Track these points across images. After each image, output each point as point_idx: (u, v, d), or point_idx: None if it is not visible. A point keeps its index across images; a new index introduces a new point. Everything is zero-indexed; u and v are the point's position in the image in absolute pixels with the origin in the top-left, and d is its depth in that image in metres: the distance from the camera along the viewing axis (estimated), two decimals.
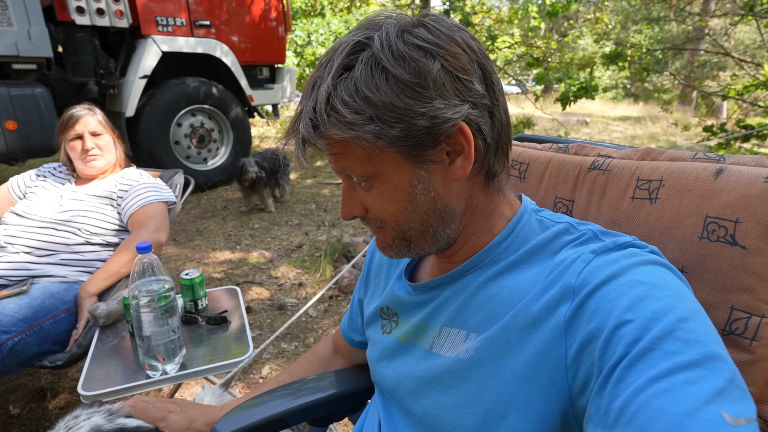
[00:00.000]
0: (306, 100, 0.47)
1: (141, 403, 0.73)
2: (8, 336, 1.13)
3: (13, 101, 3.01)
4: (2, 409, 1.56)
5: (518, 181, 0.72)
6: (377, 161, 0.47)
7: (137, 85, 3.61)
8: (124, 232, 1.47)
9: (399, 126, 0.44)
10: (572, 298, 0.42)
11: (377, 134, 0.44)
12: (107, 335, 1.18)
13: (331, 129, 0.45)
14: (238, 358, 1.08)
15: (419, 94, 0.44)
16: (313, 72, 0.48)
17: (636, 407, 0.33)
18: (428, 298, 0.57)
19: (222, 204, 3.97)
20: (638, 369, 0.35)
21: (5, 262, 1.34)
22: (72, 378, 1.72)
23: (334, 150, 0.48)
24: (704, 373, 0.34)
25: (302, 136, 0.47)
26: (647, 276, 0.41)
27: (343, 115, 0.44)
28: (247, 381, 1.73)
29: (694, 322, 0.37)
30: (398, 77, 0.44)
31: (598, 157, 0.63)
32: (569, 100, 5.92)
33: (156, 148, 3.80)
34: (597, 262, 0.44)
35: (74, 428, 0.69)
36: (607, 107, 14.06)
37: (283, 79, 4.86)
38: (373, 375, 0.66)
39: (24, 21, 2.93)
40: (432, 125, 0.45)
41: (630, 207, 0.57)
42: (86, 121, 1.44)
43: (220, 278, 2.56)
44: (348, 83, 0.44)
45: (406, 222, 0.51)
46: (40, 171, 1.56)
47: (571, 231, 0.50)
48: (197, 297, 1.24)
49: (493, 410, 0.45)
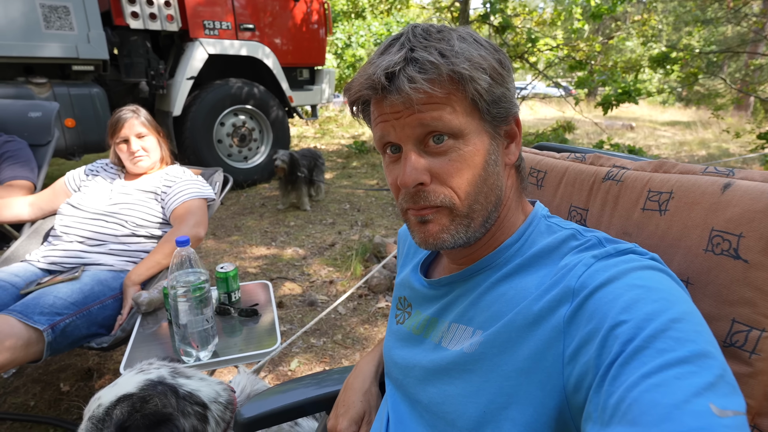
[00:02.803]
0: (415, 41, 0.48)
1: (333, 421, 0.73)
2: (61, 317, 1.25)
3: (73, 100, 3.26)
4: (54, 385, 1.71)
5: (535, 189, 0.74)
6: (470, 120, 0.49)
7: (184, 85, 3.81)
8: (166, 225, 1.58)
9: (500, 89, 0.50)
10: (572, 300, 0.44)
11: (488, 87, 0.48)
12: (148, 322, 1.27)
13: (460, 63, 0.46)
14: (267, 349, 1.14)
15: (508, 72, 0.51)
16: (397, 44, 0.49)
17: (629, 402, 0.35)
18: (440, 293, 0.60)
19: (260, 201, 4.11)
20: (632, 366, 0.37)
21: (61, 250, 1.47)
22: (116, 361, 1.86)
23: (435, 95, 0.47)
24: (694, 369, 0.35)
25: (427, 59, 0.46)
26: (644, 280, 0.43)
27: (472, 55, 0.48)
28: (276, 373, 1.81)
29: (687, 322, 0.38)
30: (493, 52, 0.50)
31: (612, 168, 0.63)
32: (611, 105, 5.72)
33: (200, 146, 3.99)
34: (597, 266, 0.45)
35: (146, 370, 0.85)
36: (656, 111, 13.41)
37: (323, 80, 4.98)
38: (386, 362, 0.69)
39: (84, 25, 3.16)
40: (511, 102, 0.52)
41: (641, 218, 0.57)
42: (131, 124, 1.54)
43: (255, 273, 2.67)
44: (462, 42, 0.49)
45: (475, 194, 0.51)
46: (92, 167, 1.70)
47: (578, 237, 0.51)
48: (231, 290, 1.32)
49: (494, 401, 0.48)
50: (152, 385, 0.82)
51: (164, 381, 0.84)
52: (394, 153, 0.53)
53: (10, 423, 1.52)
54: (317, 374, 0.91)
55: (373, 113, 0.52)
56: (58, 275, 1.40)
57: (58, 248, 1.48)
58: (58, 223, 1.53)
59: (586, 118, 6.67)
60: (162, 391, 0.82)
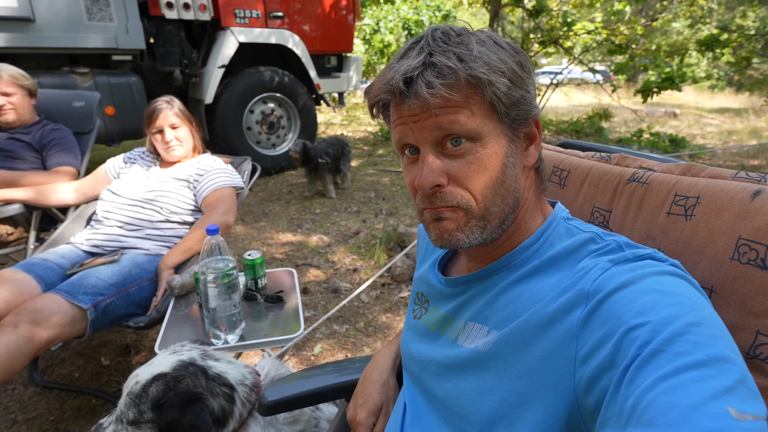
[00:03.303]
0: (435, 45, 0.48)
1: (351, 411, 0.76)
2: (102, 297, 1.33)
3: (112, 89, 3.40)
4: (96, 359, 1.83)
5: (558, 188, 0.73)
6: (488, 123, 0.50)
7: (216, 74, 3.89)
8: (198, 212, 1.64)
9: (519, 92, 0.50)
10: (586, 303, 0.44)
11: (506, 91, 0.48)
12: (180, 304, 1.34)
13: (478, 67, 0.47)
14: (291, 335, 1.18)
15: (527, 74, 0.51)
16: (415, 48, 0.50)
17: (645, 404, 0.34)
18: (457, 291, 0.61)
19: (287, 188, 4.19)
20: (648, 369, 0.36)
21: (102, 233, 1.56)
22: (151, 339, 1.96)
23: (452, 99, 0.47)
24: (712, 372, 0.34)
25: (445, 64, 0.47)
26: (661, 285, 0.42)
27: (491, 59, 0.48)
28: (300, 357, 1.87)
29: (705, 327, 0.38)
30: (514, 55, 0.50)
31: (638, 169, 0.62)
32: (651, 92, 5.45)
33: (230, 134, 4.09)
34: (613, 271, 0.45)
35: (179, 351, 0.91)
36: (702, 97, 12.61)
37: (350, 68, 4.97)
38: (403, 356, 0.71)
39: (123, 16, 3.27)
40: (531, 104, 0.52)
41: (665, 222, 0.56)
42: (166, 115, 1.60)
43: (281, 259, 2.74)
44: (480, 45, 0.49)
45: (492, 196, 0.51)
46: (130, 155, 1.77)
47: (597, 241, 0.51)
48: (257, 276, 1.37)
49: (507, 399, 0.48)
50: (184, 366, 0.87)
51: (195, 362, 0.89)
52: (413, 154, 0.53)
53: (57, 392, 1.64)
54: (339, 362, 0.94)
55: (392, 115, 0.53)
56: (99, 257, 1.49)
57: (99, 232, 1.57)
58: (99, 208, 1.61)
59: (624, 106, 6.37)
60: (193, 372, 0.87)
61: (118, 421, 0.85)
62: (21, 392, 1.65)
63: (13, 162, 1.89)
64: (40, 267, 1.41)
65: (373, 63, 10.87)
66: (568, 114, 8.92)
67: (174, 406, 0.82)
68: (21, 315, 1.18)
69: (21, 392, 1.65)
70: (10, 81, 1.88)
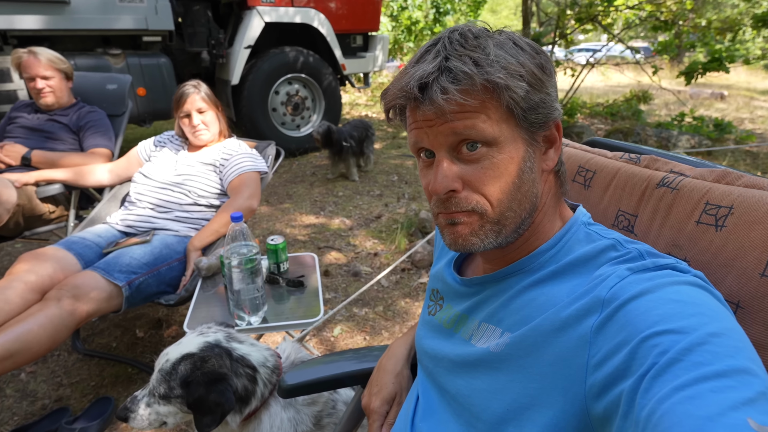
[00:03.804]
0: (451, 49, 0.47)
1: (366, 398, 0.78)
2: (136, 276, 1.40)
3: (143, 70, 3.46)
4: (131, 331, 1.93)
5: (582, 189, 0.71)
6: (505, 128, 0.49)
7: (242, 54, 3.90)
8: (224, 195, 1.68)
9: (538, 95, 0.49)
10: (601, 310, 0.44)
11: (525, 95, 0.47)
12: (207, 285, 1.39)
13: (495, 72, 0.46)
14: (312, 318, 1.22)
15: (548, 76, 0.50)
16: (429, 46, 0.50)
17: (660, 413, 0.34)
18: (472, 291, 0.61)
19: (311, 170, 4.22)
20: (664, 379, 0.35)
21: (135, 214, 1.62)
22: (181, 314, 2.05)
23: (468, 104, 0.47)
24: (732, 383, 0.33)
25: (461, 69, 0.46)
26: (680, 295, 0.41)
27: (509, 62, 0.47)
28: (320, 338, 1.92)
29: (727, 337, 0.36)
30: (534, 56, 0.49)
31: (669, 174, 0.60)
32: (696, 74, 5.12)
33: (256, 115, 4.12)
34: (631, 279, 0.44)
35: (206, 333, 0.96)
36: (755, 77, 11.64)
37: (376, 47, 4.90)
38: (417, 350, 0.72)
39: None
40: (551, 107, 0.51)
41: (694, 231, 0.54)
42: (193, 99, 1.63)
43: (303, 241, 2.79)
44: (498, 48, 0.48)
45: (508, 202, 0.50)
46: (160, 138, 1.82)
47: (618, 248, 0.50)
48: (280, 260, 1.40)
49: (517, 401, 0.49)
50: (210, 347, 0.92)
51: (220, 344, 0.93)
52: (428, 158, 0.53)
53: (97, 360, 1.76)
54: (358, 350, 0.96)
55: (408, 119, 0.53)
56: (133, 237, 1.56)
57: (132, 213, 1.63)
58: (132, 190, 1.68)
59: (665, 88, 6.02)
60: (218, 353, 0.91)
61: (150, 395, 0.90)
62: (66, 358, 1.77)
63: (53, 143, 1.97)
64: (80, 245, 1.48)
65: (400, 41, 10.65)
66: (603, 95, 8.54)
67: (201, 384, 0.86)
68: (63, 290, 1.26)
69: (66, 358, 1.77)
70: (48, 65, 1.95)
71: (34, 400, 1.57)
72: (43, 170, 1.78)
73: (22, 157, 1.85)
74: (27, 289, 1.28)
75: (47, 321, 1.19)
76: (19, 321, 1.18)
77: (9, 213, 1.63)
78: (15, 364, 1.14)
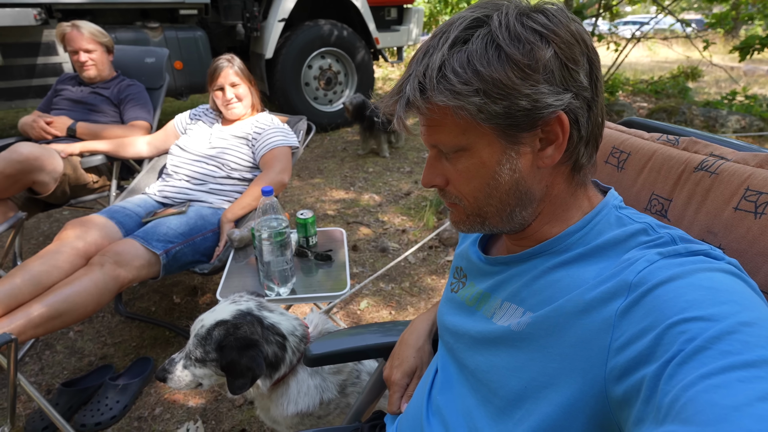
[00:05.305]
0: (416, 65, 0.50)
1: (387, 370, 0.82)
2: (172, 245, 1.47)
3: (180, 43, 3.52)
4: (169, 297, 2.05)
5: (615, 170, 0.68)
6: (471, 135, 0.50)
7: (276, 27, 3.89)
8: (256, 169, 1.72)
9: (502, 103, 0.47)
10: (627, 294, 0.43)
11: (480, 108, 0.47)
12: (239, 255, 1.45)
13: (438, 95, 0.47)
14: (339, 291, 1.25)
15: (528, 75, 0.46)
16: (427, 40, 0.51)
17: (684, 401, 0.33)
18: (496, 270, 0.62)
19: (342, 145, 4.24)
20: (690, 366, 0.35)
21: (171, 186, 1.69)
22: (215, 282, 2.15)
23: (433, 118, 0.50)
24: (761, 374, 0.32)
25: (408, 97, 0.49)
26: (712, 281, 0.40)
27: (452, 83, 0.47)
28: (347, 311, 1.97)
29: (759, 328, 0.35)
30: (511, 56, 0.46)
31: (709, 157, 0.57)
32: (753, 49, 4.73)
33: (289, 89, 4.13)
34: (661, 264, 0.44)
35: (238, 302, 1.01)
36: None
37: (410, 20, 4.77)
38: (439, 326, 0.74)
39: None
40: (533, 108, 0.47)
41: (731, 217, 0.52)
42: (226, 73, 1.66)
43: (333, 216, 2.83)
44: (461, 55, 0.47)
45: (485, 198, 0.53)
46: (195, 111, 1.87)
47: (649, 232, 0.49)
48: (309, 234, 1.44)
49: (536, 379, 0.50)
50: (242, 314, 0.96)
51: (252, 312, 0.98)
52: None
53: (137, 322, 1.88)
54: (384, 324, 0.99)
55: None
56: (170, 208, 1.63)
57: (169, 184, 1.70)
58: (169, 162, 1.74)
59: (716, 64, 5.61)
60: (250, 321, 0.96)
61: (187, 358, 0.96)
62: (109, 320, 1.90)
63: (96, 115, 2.06)
64: (121, 214, 1.57)
65: (435, 13, 10.31)
66: (649, 72, 8.06)
67: (233, 348, 0.91)
68: (107, 256, 1.34)
69: (109, 320, 1.90)
70: (90, 38, 2.02)
71: (81, 356, 1.71)
72: (87, 141, 1.87)
73: (67, 129, 1.95)
74: (75, 254, 1.37)
75: (92, 285, 1.28)
76: (67, 284, 1.27)
77: (56, 182, 1.74)
78: (63, 323, 1.24)
